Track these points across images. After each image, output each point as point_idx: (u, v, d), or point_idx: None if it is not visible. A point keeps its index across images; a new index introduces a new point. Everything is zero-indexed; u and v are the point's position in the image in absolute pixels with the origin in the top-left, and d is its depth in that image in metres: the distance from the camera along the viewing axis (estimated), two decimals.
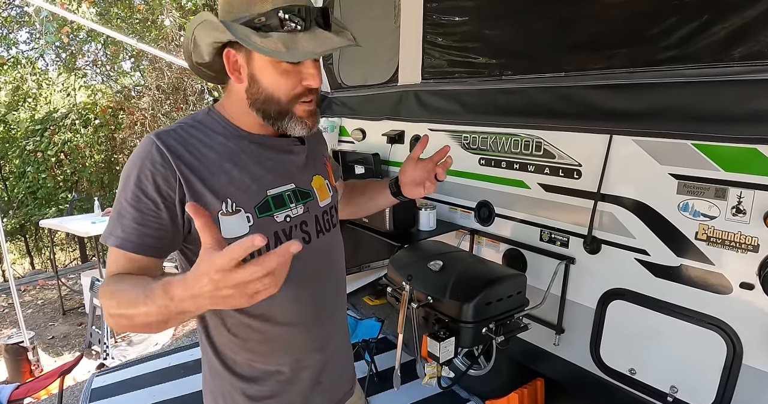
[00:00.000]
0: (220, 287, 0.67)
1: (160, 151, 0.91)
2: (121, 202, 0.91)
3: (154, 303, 0.75)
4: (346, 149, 3.38)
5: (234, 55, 0.95)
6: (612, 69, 1.85)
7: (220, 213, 0.95)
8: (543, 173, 2.13)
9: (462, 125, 2.47)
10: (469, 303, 1.70)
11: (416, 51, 2.73)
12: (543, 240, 2.18)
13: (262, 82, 0.96)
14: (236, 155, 0.99)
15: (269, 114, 0.98)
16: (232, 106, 1.02)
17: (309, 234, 1.07)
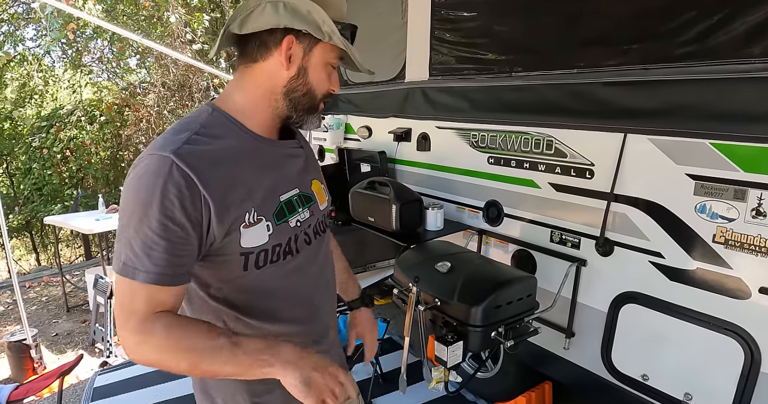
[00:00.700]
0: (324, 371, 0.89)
1: (183, 172, 0.86)
2: (145, 233, 0.85)
3: (242, 356, 0.86)
4: (352, 147, 3.34)
5: (294, 43, 0.96)
6: (626, 65, 1.80)
7: (243, 225, 0.94)
8: (554, 172, 2.07)
9: (470, 123, 2.42)
10: (478, 306, 1.66)
11: (424, 47, 2.68)
12: (553, 241, 2.12)
13: (310, 76, 0.99)
14: (250, 161, 0.98)
15: (301, 105, 1.01)
16: (248, 98, 1.00)
17: (309, 236, 1.10)
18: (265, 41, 0.96)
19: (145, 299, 0.86)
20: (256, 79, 0.99)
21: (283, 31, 0.95)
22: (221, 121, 0.97)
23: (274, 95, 0.99)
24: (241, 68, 1.01)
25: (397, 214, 2.21)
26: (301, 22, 0.93)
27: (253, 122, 1.00)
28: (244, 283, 1.00)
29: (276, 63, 0.97)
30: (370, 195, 2.37)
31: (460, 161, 2.51)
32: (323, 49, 0.99)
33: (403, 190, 2.31)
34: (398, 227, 2.23)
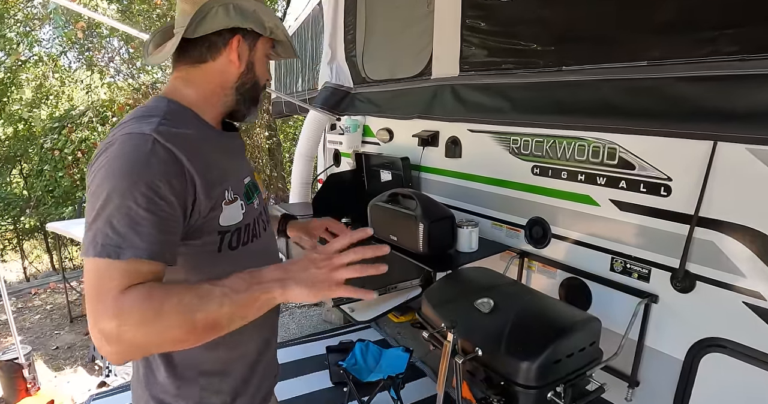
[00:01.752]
0: (319, 265, 0.85)
1: (165, 147, 0.87)
2: (129, 208, 0.81)
3: (236, 294, 0.80)
4: (371, 151, 2.99)
5: (242, 41, 1.04)
6: (716, 56, 1.41)
7: (224, 202, 0.99)
8: (617, 187, 1.70)
9: (510, 126, 2.05)
10: (533, 361, 1.30)
11: (453, 39, 2.32)
12: (615, 270, 1.75)
13: (256, 70, 1.10)
14: (214, 147, 1.02)
15: (248, 98, 1.11)
16: (200, 93, 1.05)
17: (264, 222, 1.18)
18: (215, 42, 1.02)
19: (124, 274, 0.79)
20: (207, 76, 1.05)
21: (231, 31, 1.02)
22: (181, 111, 1.01)
23: (225, 90, 1.07)
24: (185, 68, 1.04)
25: (425, 234, 1.86)
26: (248, 22, 1.02)
27: (206, 115, 1.05)
28: (216, 270, 0.94)
29: (226, 61, 1.04)
30: (393, 210, 2.02)
31: (498, 170, 2.14)
32: (264, 43, 1.09)
33: (431, 204, 1.96)
34: (426, 249, 1.88)
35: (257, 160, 9.93)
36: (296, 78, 4.53)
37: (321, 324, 3.80)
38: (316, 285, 0.83)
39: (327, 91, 3.41)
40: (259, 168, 9.99)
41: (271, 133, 9.71)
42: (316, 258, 0.87)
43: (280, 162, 10.30)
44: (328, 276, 0.84)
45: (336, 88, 3.40)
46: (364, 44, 3.24)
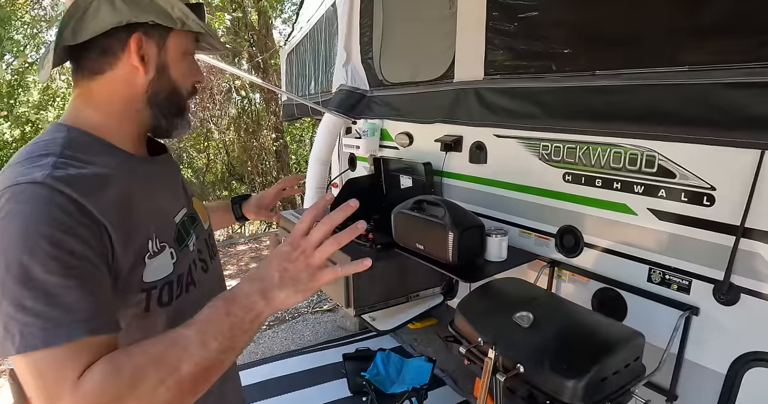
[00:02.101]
0: (292, 259, 0.73)
1: (67, 196, 0.70)
2: (41, 281, 0.64)
3: (216, 326, 0.69)
4: (389, 156, 2.94)
5: (144, 40, 0.84)
6: (765, 61, 1.37)
7: (147, 256, 0.82)
8: (656, 196, 1.65)
9: (540, 131, 2.00)
10: (580, 379, 1.24)
11: (478, 41, 2.27)
12: (653, 281, 1.70)
13: (172, 74, 0.89)
14: (132, 182, 0.83)
15: (168, 110, 0.90)
16: (105, 113, 0.85)
17: (205, 261, 1.01)
18: (109, 46, 0.82)
19: (67, 362, 0.64)
20: (109, 91, 0.85)
21: (127, 29, 0.82)
22: (83, 141, 0.82)
23: (135, 105, 0.87)
24: (84, 82, 0.85)
25: (455, 244, 1.80)
26: (146, 14, 0.81)
27: (118, 139, 0.86)
28: (149, 332, 0.81)
29: (128, 68, 0.84)
30: (420, 218, 1.96)
31: (526, 177, 2.09)
32: (177, 37, 0.88)
33: (460, 212, 1.90)
34: (456, 259, 1.83)
35: (264, 163, 9.90)
36: (308, 80, 4.48)
37: (336, 331, 3.75)
38: (300, 281, 0.73)
39: (342, 94, 3.36)
40: (265, 170, 9.97)
41: (278, 134, 9.67)
42: (285, 252, 0.74)
43: (286, 164, 10.27)
44: (306, 265, 0.73)
45: (351, 90, 3.35)
46: (381, 46, 3.18)
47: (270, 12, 9.20)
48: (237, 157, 9.42)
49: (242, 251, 6.79)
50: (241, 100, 9.60)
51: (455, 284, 2.57)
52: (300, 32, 4.68)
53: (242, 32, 9.22)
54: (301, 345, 3.57)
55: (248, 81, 8.64)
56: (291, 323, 3.98)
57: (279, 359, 3.35)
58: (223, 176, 11.29)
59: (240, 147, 9.44)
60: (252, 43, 9.25)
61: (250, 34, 9.20)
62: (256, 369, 3.24)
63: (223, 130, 9.06)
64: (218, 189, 11.75)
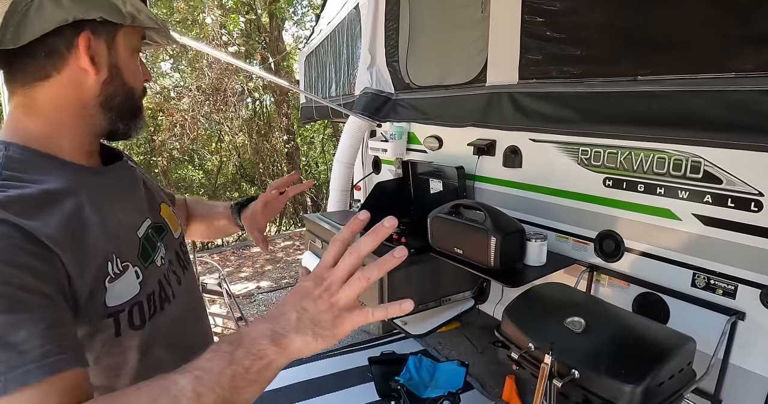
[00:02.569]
0: (314, 297, 0.62)
1: (9, 223, 0.62)
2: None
3: (216, 376, 0.58)
4: (418, 159, 2.94)
5: (92, 39, 0.76)
6: None
7: (108, 279, 0.73)
8: (702, 201, 1.65)
9: (578, 136, 2.00)
10: (638, 384, 1.25)
11: (512, 45, 2.28)
12: (697, 286, 1.70)
13: (124, 74, 0.83)
14: (85, 198, 0.75)
15: (125, 112, 0.84)
16: (51, 123, 0.78)
17: (176, 273, 0.94)
18: (54, 47, 0.74)
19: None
20: (56, 97, 0.77)
21: (73, 28, 0.74)
22: (26, 158, 0.74)
23: (88, 110, 0.80)
24: (24, 90, 0.76)
25: (497, 248, 1.81)
26: (95, 9, 0.73)
27: (66, 151, 0.79)
28: (123, 358, 0.77)
29: (77, 70, 0.77)
30: (459, 222, 1.97)
31: (564, 181, 2.09)
32: (126, 34, 0.82)
33: (501, 217, 1.91)
34: (497, 263, 1.83)
35: (275, 165, 9.93)
36: (329, 83, 4.50)
37: (360, 334, 3.75)
38: (321, 325, 0.62)
39: (367, 97, 3.37)
40: (276, 172, 9.99)
41: (289, 136, 9.70)
42: (307, 289, 0.64)
43: (297, 166, 10.29)
44: (329, 306, 0.62)
45: (376, 93, 3.36)
46: (407, 50, 3.19)
47: (283, 14, 9.24)
48: (248, 159, 9.45)
49: (256, 253, 6.81)
50: (252, 102, 9.63)
51: (486, 288, 2.58)
52: (320, 35, 4.69)
53: (254, 34, 9.27)
54: (324, 348, 3.57)
55: (261, 83, 8.67)
56: None
57: (304, 363, 3.35)
58: (234, 178, 11.33)
59: (252, 148, 9.47)
60: (264, 45, 9.29)
61: (263, 36, 9.24)
62: (281, 373, 3.22)
63: (236, 131, 9.09)
64: (229, 190, 11.80)
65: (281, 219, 10.35)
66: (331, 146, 11.25)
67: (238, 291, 5.12)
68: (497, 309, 2.52)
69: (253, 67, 4.53)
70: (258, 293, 5.07)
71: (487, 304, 2.62)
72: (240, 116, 8.93)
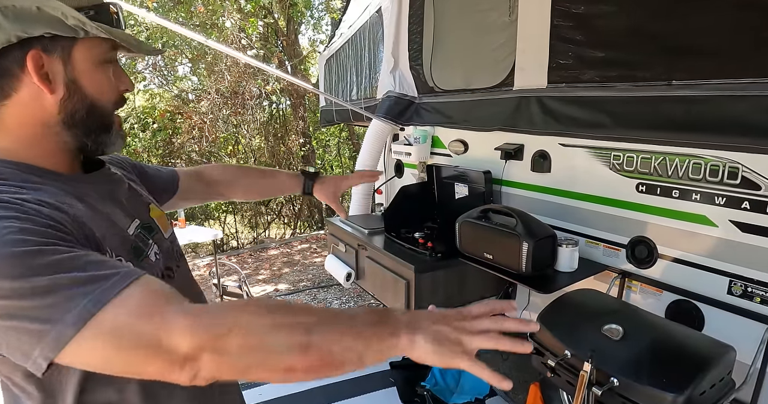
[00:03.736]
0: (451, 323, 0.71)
1: (23, 204, 0.68)
2: (58, 261, 0.62)
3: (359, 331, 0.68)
4: (442, 164, 2.94)
5: (41, 57, 0.74)
6: None
7: None
8: (739, 208, 1.63)
9: (611, 141, 1.99)
10: (680, 393, 1.23)
11: (541, 49, 2.26)
12: (734, 293, 1.67)
13: (86, 89, 0.80)
14: (75, 200, 0.78)
15: (91, 129, 0.82)
16: (19, 141, 0.78)
17: (171, 269, 0.98)
18: (5, 67, 0.74)
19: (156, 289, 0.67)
20: (19, 117, 0.77)
21: (21, 46, 0.73)
22: (10, 171, 0.75)
23: (52, 128, 0.79)
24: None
25: (529, 254, 1.80)
26: (36, 26, 0.72)
27: (44, 164, 0.80)
28: None
29: (33, 89, 0.76)
30: (489, 227, 1.96)
31: (595, 187, 2.07)
32: (85, 47, 0.79)
33: (533, 222, 1.90)
34: (529, 269, 1.82)
35: (291, 168, 9.96)
36: (350, 86, 4.51)
37: None
38: (444, 345, 0.68)
39: (390, 100, 3.37)
40: None
41: (305, 140, 9.74)
42: (449, 316, 0.72)
43: (313, 168, 10.31)
44: (459, 338, 0.69)
45: (399, 97, 3.36)
46: (432, 53, 3.19)
47: (300, 18, 9.29)
48: (264, 162, 9.50)
49: (274, 255, 6.84)
50: (270, 105, 9.68)
51: (512, 294, 2.57)
52: (341, 38, 4.71)
53: (272, 38, 9.33)
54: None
55: (279, 86, 8.72)
56: None
57: None
58: None
59: (268, 151, 9.52)
60: (282, 48, 9.34)
61: (280, 39, 9.29)
62: None
63: (253, 134, 9.15)
64: None
65: (297, 222, 10.39)
66: (346, 150, 11.28)
67: (256, 293, 5.14)
68: (523, 316, 2.50)
69: (279, 71, 4.53)
70: (276, 295, 5.09)
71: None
72: (257, 119, 8.98)
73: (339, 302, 4.71)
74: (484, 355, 0.70)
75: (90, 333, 0.60)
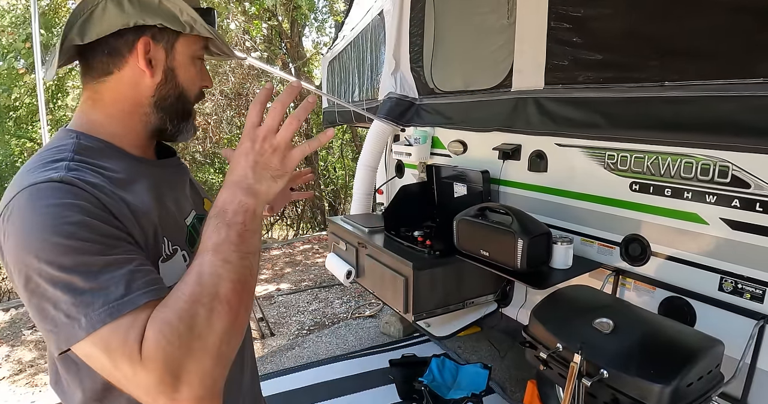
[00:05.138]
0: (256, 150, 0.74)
1: (90, 193, 0.70)
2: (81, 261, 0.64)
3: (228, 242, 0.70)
4: (442, 163, 2.98)
5: (152, 44, 0.83)
6: None
7: (161, 259, 0.81)
8: (729, 206, 1.66)
9: (605, 141, 2.02)
10: (667, 384, 1.27)
11: (538, 51, 2.31)
12: (724, 290, 1.71)
13: (179, 79, 0.88)
14: (142, 185, 0.83)
15: (176, 114, 0.90)
16: (111, 116, 0.85)
17: None
18: (116, 47, 0.82)
19: (133, 326, 0.64)
20: (115, 93, 0.85)
21: (135, 31, 0.81)
22: (93, 146, 0.81)
23: (142, 108, 0.86)
24: (92, 85, 0.85)
25: (524, 250, 1.84)
26: (154, 16, 0.80)
27: (126, 143, 0.86)
28: None
29: (135, 71, 0.83)
30: (486, 224, 2.00)
31: (590, 186, 2.11)
32: (186, 42, 0.87)
33: (528, 220, 1.94)
34: (524, 265, 1.86)
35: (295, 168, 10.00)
36: (352, 87, 4.56)
37: (379, 337, 3.79)
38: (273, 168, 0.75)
39: (391, 102, 3.42)
40: None
41: None
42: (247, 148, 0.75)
43: (316, 170, 10.37)
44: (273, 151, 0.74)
45: (400, 98, 3.41)
46: (432, 55, 3.24)
47: (304, 20, 9.36)
48: None
49: (276, 256, 6.88)
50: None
51: (509, 291, 2.60)
52: (343, 40, 4.76)
53: (276, 40, 9.39)
54: (345, 350, 3.61)
55: (282, 88, 8.77)
56: (334, 328, 4.03)
57: (325, 364, 3.40)
58: None
59: None
60: (285, 50, 9.41)
61: (284, 42, 9.36)
62: (303, 373, 3.29)
63: None
64: None
65: (299, 223, 10.43)
66: (349, 151, 11.33)
67: (258, 292, 5.18)
68: (520, 313, 2.54)
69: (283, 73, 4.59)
70: (278, 295, 5.13)
71: (510, 308, 2.64)
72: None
73: (340, 301, 4.75)
74: (485, 353, 0.72)
75: (92, 341, 0.63)
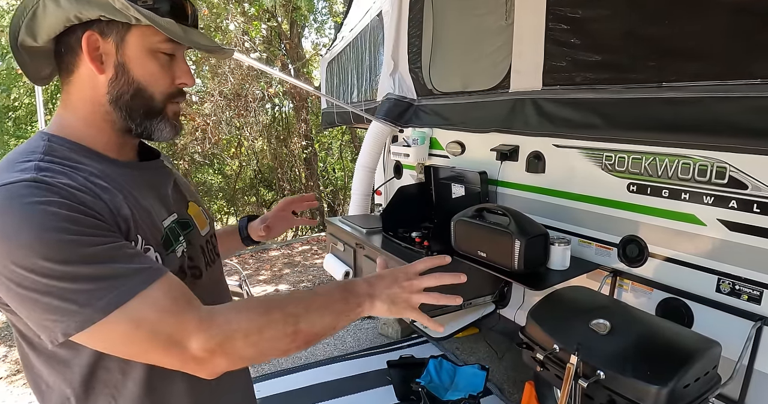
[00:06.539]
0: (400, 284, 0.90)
1: (62, 191, 0.70)
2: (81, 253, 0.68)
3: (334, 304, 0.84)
4: (440, 165, 2.98)
5: (97, 39, 0.79)
6: None
7: None
8: (727, 207, 1.66)
9: (603, 142, 2.02)
10: (664, 385, 1.26)
11: (536, 52, 2.31)
12: (722, 291, 1.71)
13: (134, 73, 0.83)
14: (115, 186, 0.81)
15: (136, 112, 0.85)
16: (79, 116, 0.84)
17: (199, 268, 0.97)
18: (70, 45, 0.80)
19: (173, 289, 0.74)
20: (80, 93, 0.83)
21: (83, 28, 0.79)
22: (64, 148, 0.80)
23: (103, 107, 0.83)
24: (64, 86, 0.84)
25: (522, 251, 1.83)
26: (91, 8, 0.75)
27: (98, 144, 0.84)
28: None
29: (88, 68, 0.81)
30: (483, 225, 2.00)
31: (587, 187, 2.11)
32: (140, 34, 0.81)
33: (525, 221, 1.94)
34: (522, 266, 1.85)
35: (293, 170, 10.02)
36: (351, 88, 4.56)
37: (377, 338, 3.78)
38: (396, 304, 0.88)
39: (389, 103, 3.42)
40: (294, 178, 10.08)
41: (307, 142, 9.79)
42: (399, 277, 0.90)
43: (315, 171, 10.37)
44: (408, 297, 0.89)
45: (399, 99, 3.41)
46: (430, 56, 3.24)
47: (303, 21, 9.36)
48: (267, 164, 9.56)
49: (275, 257, 6.88)
50: (272, 108, 9.75)
51: (507, 292, 2.60)
52: (342, 41, 4.76)
53: (275, 41, 9.40)
54: (343, 351, 3.61)
55: (281, 89, 8.78)
56: None
57: (323, 364, 3.40)
58: (252, 182, 11.45)
59: (270, 154, 9.58)
60: (285, 51, 9.41)
61: (283, 42, 9.36)
62: (301, 373, 3.29)
63: (255, 137, 9.21)
64: (247, 195, 11.93)
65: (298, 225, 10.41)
66: (348, 152, 11.34)
67: (257, 293, 5.17)
68: (518, 314, 2.54)
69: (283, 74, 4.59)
70: None
71: (507, 309, 2.63)
72: (260, 121, 9.04)
73: None
74: (483, 355, 0.78)
75: (114, 320, 0.67)
